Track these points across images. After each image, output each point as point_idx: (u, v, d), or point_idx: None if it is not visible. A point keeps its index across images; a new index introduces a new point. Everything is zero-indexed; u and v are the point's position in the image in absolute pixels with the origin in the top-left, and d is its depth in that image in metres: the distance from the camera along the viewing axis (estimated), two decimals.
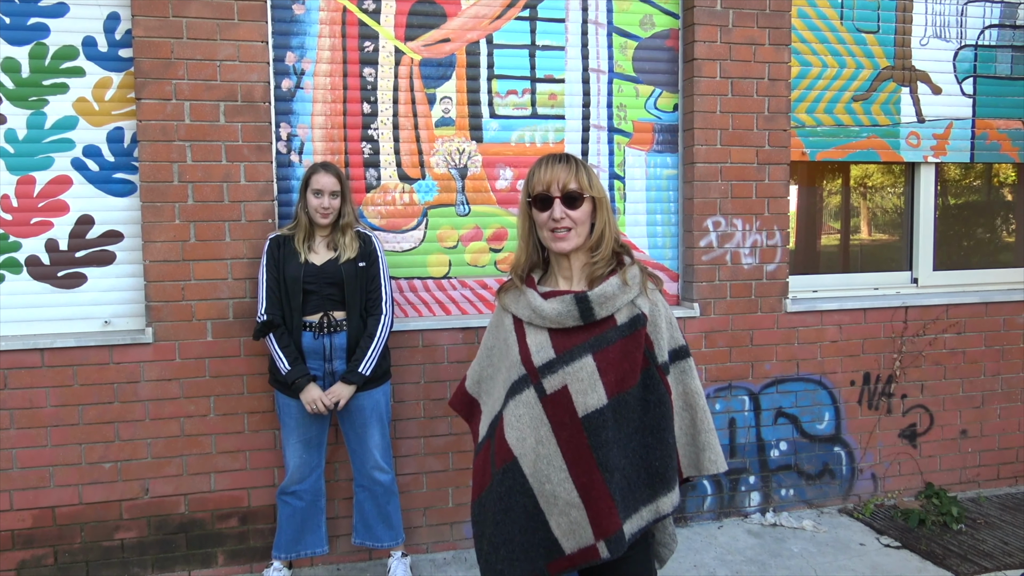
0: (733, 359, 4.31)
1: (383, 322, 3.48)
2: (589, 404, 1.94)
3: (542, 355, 1.99)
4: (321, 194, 3.41)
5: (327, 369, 3.44)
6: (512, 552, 1.99)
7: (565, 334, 1.99)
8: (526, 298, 2.04)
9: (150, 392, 3.64)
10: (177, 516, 3.71)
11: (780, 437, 4.43)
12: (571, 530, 1.97)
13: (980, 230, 5.09)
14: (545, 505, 1.98)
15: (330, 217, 3.44)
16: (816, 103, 4.49)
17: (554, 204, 1.99)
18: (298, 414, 3.45)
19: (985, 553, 3.92)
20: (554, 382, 1.97)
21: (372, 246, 3.54)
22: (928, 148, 4.71)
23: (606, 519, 1.94)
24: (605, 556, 1.95)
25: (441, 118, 4.03)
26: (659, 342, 2.04)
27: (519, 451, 1.99)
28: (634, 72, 4.26)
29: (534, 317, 2.02)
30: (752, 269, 4.31)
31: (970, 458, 4.77)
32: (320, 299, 3.41)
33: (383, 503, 3.61)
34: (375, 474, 3.57)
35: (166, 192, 3.60)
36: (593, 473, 1.94)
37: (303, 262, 3.40)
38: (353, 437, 3.56)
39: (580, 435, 1.94)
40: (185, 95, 3.59)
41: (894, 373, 4.58)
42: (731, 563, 3.85)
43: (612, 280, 2.00)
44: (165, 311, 3.63)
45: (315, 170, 3.45)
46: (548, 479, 1.97)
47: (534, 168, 2.05)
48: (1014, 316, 4.77)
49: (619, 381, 1.96)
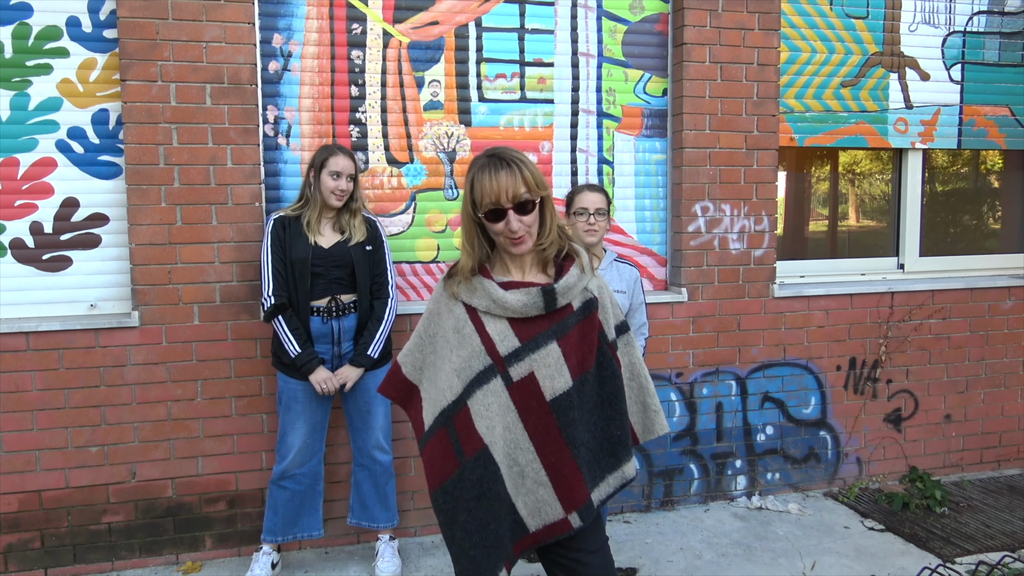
0: (720, 344, 4.33)
1: (390, 305, 3.54)
2: (557, 388, 2.02)
3: (506, 344, 2.03)
4: (340, 176, 3.39)
5: (335, 352, 3.47)
6: (486, 539, 2.02)
7: (526, 322, 2.04)
8: (484, 289, 2.04)
9: (137, 376, 3.63)
10: (164, 500, 3.71)
11: (766, 421, 4.46)
12: (537, 508, 2.06)
13: (967, 217, 5.12)
14: (512, 488, 2.05)
15: (344, 200, 3.44)
16: (805, 89, 4.50)
17: (508, 215, 1.95)
18: (305, 397, 3.46)
19: (967, 536, 3.96)
20: (520, 370, 2.02)
21: (378, 231, 3.56)
22: (916, 134, 4.73)
23: (577, 491, 2.05)
24: (577, 525, 2.06)
25: (429, 101, 4.01)
26: (607, 320, 2.15)
27: (489, 439, 2.03)
28: (623, 56, 4.24)
29: (494, 307, 2.03)
30: (740, 254, 4.32)
31: (954, 442, 4.81)
32: (327, 282, 3.42)
33: (382, 483, 3.64)
34: (376, 454, 3.59)
35: (152, 175, 3.57)
36: (563, 452, 2.03)
37: (311, 244, 3.38)
38: (357, 417, 3.58)
39: (548, 417, 2.02)
40: (171, 77, 3.56)
41: (880, 358, 4.61)
42: (717, 546, 3.88)
43: (573, 271, 2.07)
44: (151, 295, 3.61)
45: (332, 152, 3.42)
46: (515, 462, 2.04)
47: (475, 177, 1.98)
48: (999, 302, 4.80)
49: (580, 363, 2.05)
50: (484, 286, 2.04)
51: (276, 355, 3.50)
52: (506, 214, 1.96)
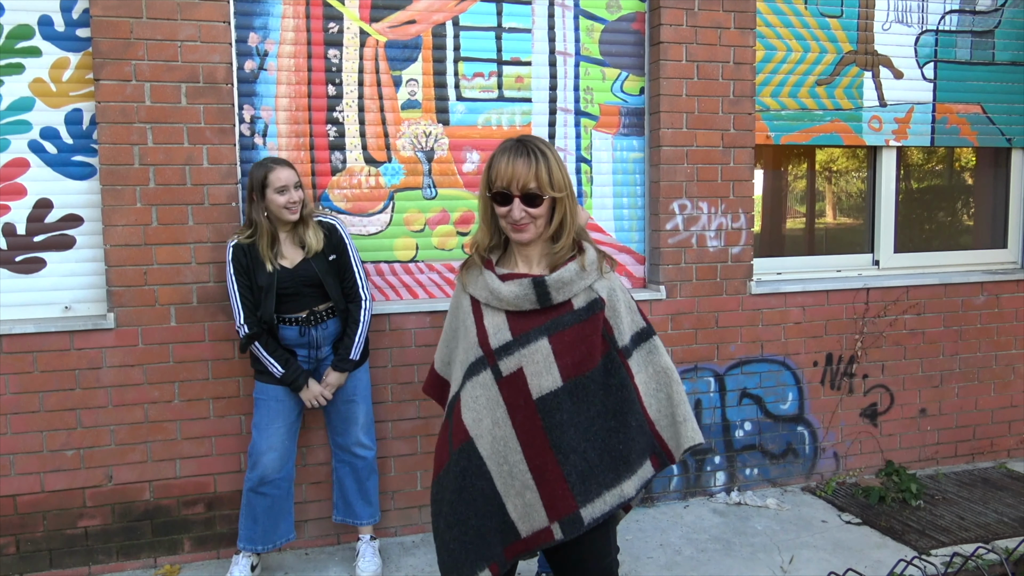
0: (699, 341, 4.36)
1: (364, 307, 3.52)
2: (543, 386, 1.96)
3: (499, 337, 2.00)
4: (287, 190, 3.31)
5: (314, 356, 3.47)
6: (465, 534, 2.01)
7: (522, 317, 2.01)
8: (484, 279, 2.05)
9: (113, 378, 3.59)
10: (142, 503, 3.68)
11: (745, 417, 4.49)
12: (526, 513, 1.99)
13: (941, 213, 5.18)
14: (502, 487, 2.00)
15: (299, 211, 3.37)
16: (780, 87, 4.53)
17: (513, 203, 1.96)
18: (283, 398, 3.45)
19: (942, 528, 4.01)
20: (510, 364, 1.98)
21: (338, 234, 3.50)
22: (890, 132, 4.78)
23: (560, 501, 1.96)
24: (559, 537, 1.97)
25: (407, 100, 4.00)
26: (619, 327, 2.06)
27: (475, 432, 2.01)
28: (601, 55, 4.26)
29: (491, 299, 2.02)
30: (717, 252, 4.35)
31: (929, 436, 4.88)
32: (303, 299, 3.41)
33: (364, 478, 3.64)
34: (357, 450, 3.59)
35: (127, 175, 3.54)
36: (546, 455, 1.96)
37: (272, 270, 3.34)
38: (336, 416, 3.58)
39: (534, 417, 1.96)
40: (145, 76, 3.53)
41: (856, 354, 4.66)
42: (696, 541, 3.90)
43: (570, 266, 2.02)
44: (127, 296, 3.58)
45: (270, 168, 3.31)
46: (505, 460, 1.99)
47: (496, 157, 2.00)
48: (972, 297, 4.87)
49: (576, 364, 1.98)
50: (485, 277, 2.05)
51: (255, 368, 3.48)
52: (512, 200, 1.96)
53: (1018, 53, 4.98)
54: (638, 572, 3.59)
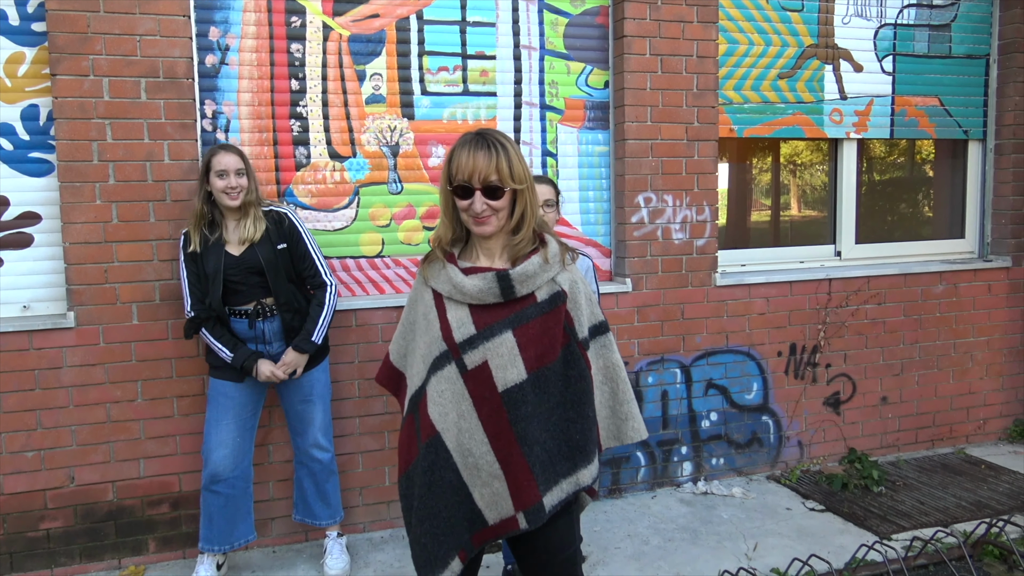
0: (665, 333, 4.40)
1: (330, 292, 3.48)
2: (509, 379, 1.98)
3: (463, 331, 2.01)
4: (226, 174, 3.29)
5: (266, 351, 3.42)
6: (436, 527, 2.03)
7: (486, 310, 2.02)
8: (447, 273, 2.04)
9: (73, 378, 3.54)
10: (105, 504, 3.63)
11: (711, 408, 4.54)
12: (493, 501, 2.03)
13: (901, 205, 5.27)
14: (469, 478, 2.03)
15: (240, 198, 3.33)
16: (743, 80, 4.58)
17: (475, 196, 1.97)
18: (236, 395, 3.41)
19: (903, 513, 4.10)
20: (475, 357, 2.00)
21: (288, 223, 3.45)
22: (850, 124, 4.85)
23: (525, 491, 2.00)
24: (524, 527, 2.01)
25: (371, 95, 3.98)
26: (579, 318, 2.08)
27: (442, 426, 2.02)
28: (565, 49, 4.27)
29: (454, 293, 2.03)
30: (682, 244, 4.39)
31: (890, 423, 4.97)
32: (249, 288, 3.37)
33: (321, 481, 3.61)
34: (314, 452, 3.56)
35: (86, 172, 3.49)
36: (512, 447, 1.99)
37: (214, 253, 3.31)
38: (294, 415, 3.55)
39: (500, 409, 1.99)
40: (103, 71, 3.47)
41: (819, 343, 4.73)
42: (664, 531, 3.94)
43: (533, 259, 2.03)
44: (87, 294, 3.52)
45: (214, 152, 3.33)
46: (471, 452, 2.01)
47: (456, 151, 2.00)
48: (931, 287, 4.96)
49: (539, 356, 2.00)
50: (448, 271, 2.04)
51: (207, 360, 3.46)
52: (473, 193, 1.96)
53: (974, 46, 5.07)
54: (606, 562, 3.62)
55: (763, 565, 3.57)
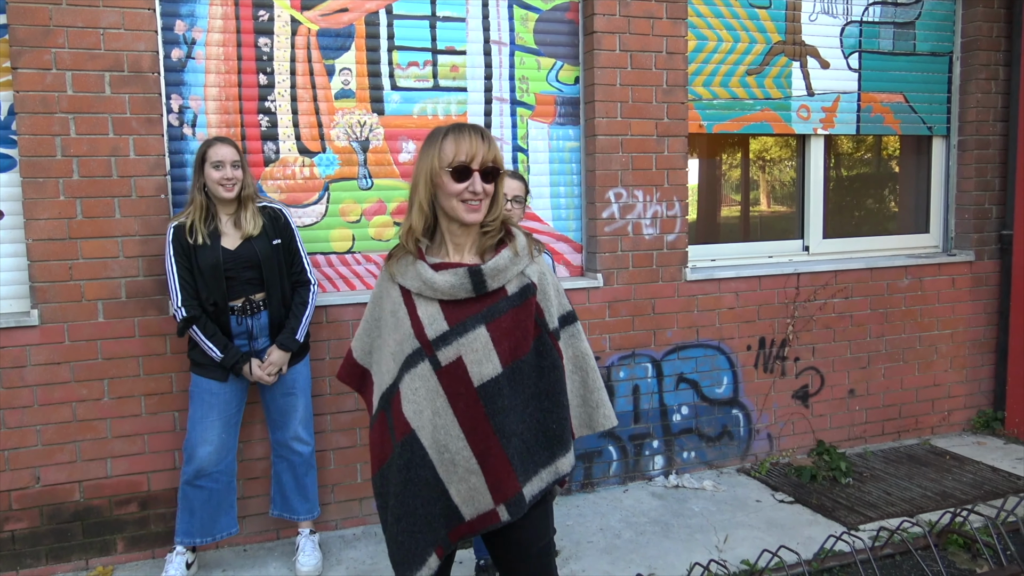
0: (636, 327, 4.42)
1: (312, 291, 3.53)
2: (484, 373, 1.98)
3: (435, 328, 2.00)
4: (222, 165, 3.30)
5: (251, 347, 3.41)
6: (413, 524, 2.03)
7: (457, 306, 2.01)
8: (415, 269, 2.03)
9: (38, 377, 3.48)
10: (72, 504, 3.58)
11: (682, 402, 4.58)
12: (470, 496, 2.02)
13: (868, 200, 5.35)
14: (445, 474, 2.02)
15: (235, 190, 3.34)
16: (712, 76, 4.61)
17: (473, 177, 1.97)
18: (221, 392, 3.39)
19: (870, 504, 4.16)
20: (448, 354, 1.99)
21: (284, 220, 3.49)
22: (817, 120, 4.90)
23: (505, 483, 2.00)
24: (505, 519, 2.02)
25: (341, 90, 3.95)
26: (549, 309, 2.10)
27: (416, 423, 2.01)
28: (535, 44, 4.27)
29: (424, 289, 2.02)
30: (653, 239, 4.42)
31: (857, 416, 5.04)
32: (240, 283, 3.36)
33: (301, 474, 3.61)
34: (295, 445, 3.56)
35: (49, 167, 3.43)
36: (490, 440, 1.99)
37: (211, 246, 3.29)
38: (275, 409, 3.54)
39: (476, 404, 1.99)
40: (67, 64, 3.42)
41: (787, 337, 4.79)
42: (636, 524, 3.97)
43: (504, 253, 2.03)
44: (51, 292, 3.47)
45: (210, 144, 3.34)
46: (446, 448, 2.00)
47: (449, 136, 2.00)
48: (896, 280, 5.04)
49: (513, 349, 2.01)
50: (417, 267, 2.03)
51: (191, 357, 3.43)
52: (471, 175, 1.97)
53: (938, 44, 5.15)
54: (579, 556, 3.63)
55: (733, 557, 3.60)
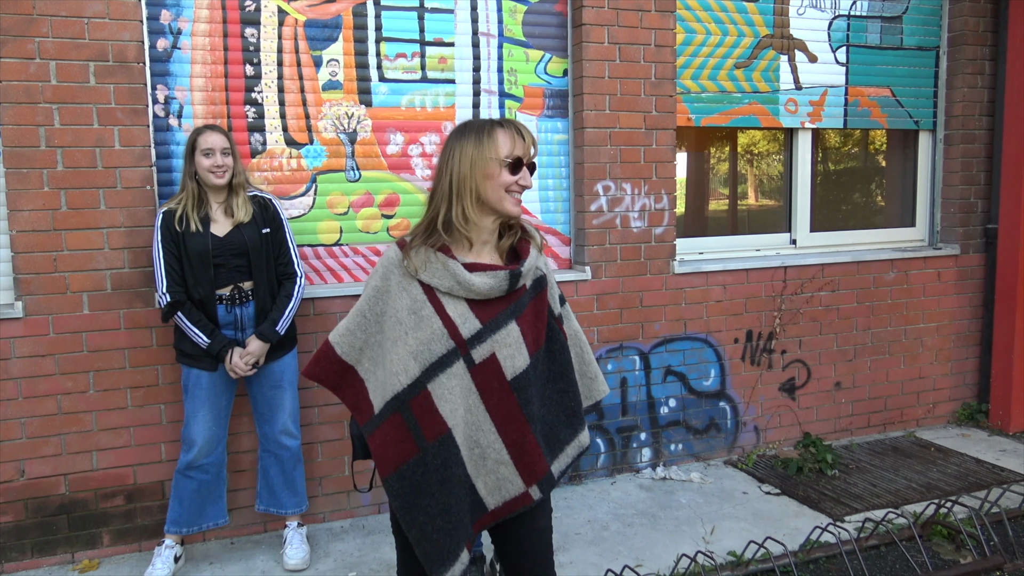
0: (624, 320, 4.43)
1: (299, 284, 3.51)
2: (517, 367, 2.04)
3: (468, 327, 2.01)
4: (212, 152, 3.30)
5: (239, 339, 3.40)
6: (448, 521, 2.04)
7: (485, 303, 2.04)
8: (447, 269, 1.99)
9: (22, 369, 3.46)
10: (57, 497, 3.56)
11: (669, 394, 4.59)
12: (497, 486, 2.09)
13: (855, 194, 5.37)
14: (473, 469, 2.07)
15: (226, 176, 3.34)
16: (700, 70, 4.61)
17: (524, 169, 2.04)
18: (210, 384, 3.38)
19: (856, 495, 4.19)
20: (483, 351, 2.02)
21: (273, 209, 3.48)
22: (805, 114, 4.92)
23: (537, 465, 2.09)
24: (538, 497, 2.10)
25: (328, 81, 3.93)
26: (553, 295, 2.19)
27: (452, 422, 2.02)
28: (524, 37, 4.26)
29: (457, 289, 2.00)
30: (641, 232, 4.42)
31: (844, 408, 5.07)
32: (229, 271, 3.34)
33: (289, 469, 3.59)
34: (283, 439, 3.55)
35: (32, 158, 3.40)
36: (524, 428, 2.07)
37: (201, 232, 3.28)
38: (263, 402, 3.53)
39: (510, 396, 2.04)
40: (50, 54, 3.38)
41: (774, 330, 4.81)
42: (623, 516, 3.98)
43: (533, 253, 2.10)
44: (36, 283, 3.44)
45: (200, 131, 3.34)
46: (477, 443, 2.05)
47: (499, 129, 2.01)
48: (882, 274, 5.06)
49: (535, 340, 2.09)
50: (449, 267, 1.99)
51: (178, 348, 3.41)
52: (523, 167, 2.03)
53: (925, 38, 5.17)
54: (566, 548, 3.64)
55: (720, 548, 3.62)
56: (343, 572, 3.50)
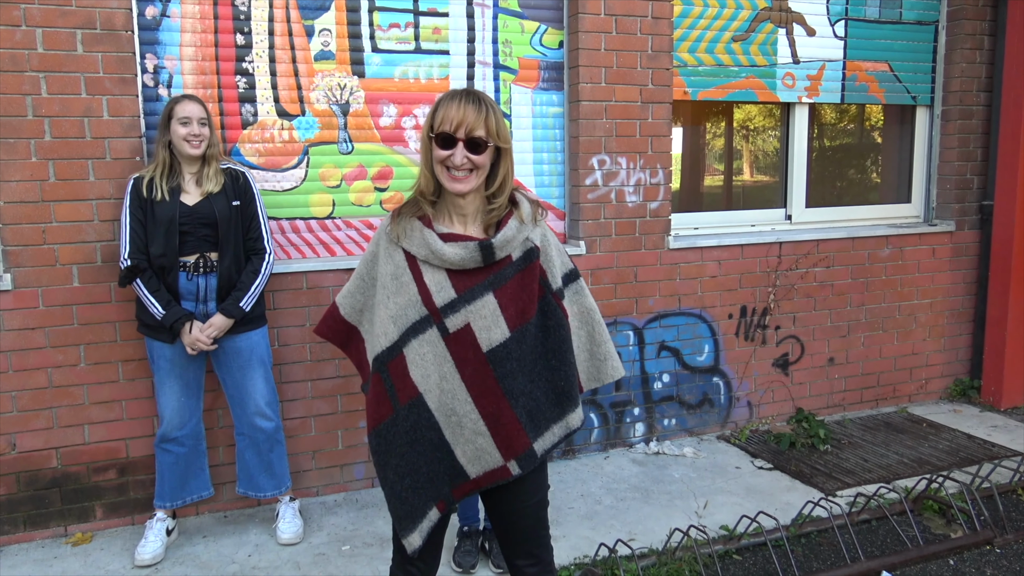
0: (618, 295, 4.41)
1: (267, 260, 3.44)
2: (493, 339, 2.02)
3: (443, 295, 2.02)
4: (189, 122, 3.24)
5: (200, 310, 3.33)
6: (417, 481, 2.09)
7: (464, 274, 2.03)
8: (422, 237, 2.02)
9: (12, 342, 3.42)
10: (49, 471, 3.54)
11: (663, 370, 4.59)
12: (476, 456, 2.08)
13: (851, 170, 5.34)
14: (451, 436, 2.07)
15: (202, 147, 3.29)
16: (697, 43, 4.56)
17: (456, 148, 1.95)
18: (173, 356, 3.34)
19: (847, 470, 4.20)
20: (456, 321, 2.02)
21: (245, 183, 3.42)
22: (802, 89, 4.87)
23: (516, 440, 2.07)
24: (516, 473, 2.09)
25: (320, 51, 3.87)
26: (551, 270, 2.13)
27: (424, 387, 2.05)
28: (519, 7, 4.20)
29: (431, 257, 2.02)
30: (636, 207, 4.39)
31: (836, 384, 5.08)
32: (196, 240, 3.29)
33: (265, 451, 3.54)
34: (257, 420, 3.49)
35: (19, 127, 3.34)
36: (501, 402, 2.04)
37: (168, 201, 3.23)
38: (231, 383, 3.47)
39: (485, 368, 2.03)
40: (36, 21, 3.32)
41: (769, 306, 4.80)
42: (616, 491, 3.99)
43: (511, 224, 2.04)
44: (24, 256, 3.40)
45: (177, 100, 3.29)
46: (453, 411, 2.05)
47: (443, 101, 1.99)
48: (877, 250, 5.05)
49: (520, 314, 2.05)
50: (424, 235, 2.02)
51: (139, 319, 3.37)
52: (456, 144, 1.95)
53: (923, 12, 5.12)
54: (559, 522, 3.65)
55: (713, 522, 3.64)
56: (336, 546, 3.50)
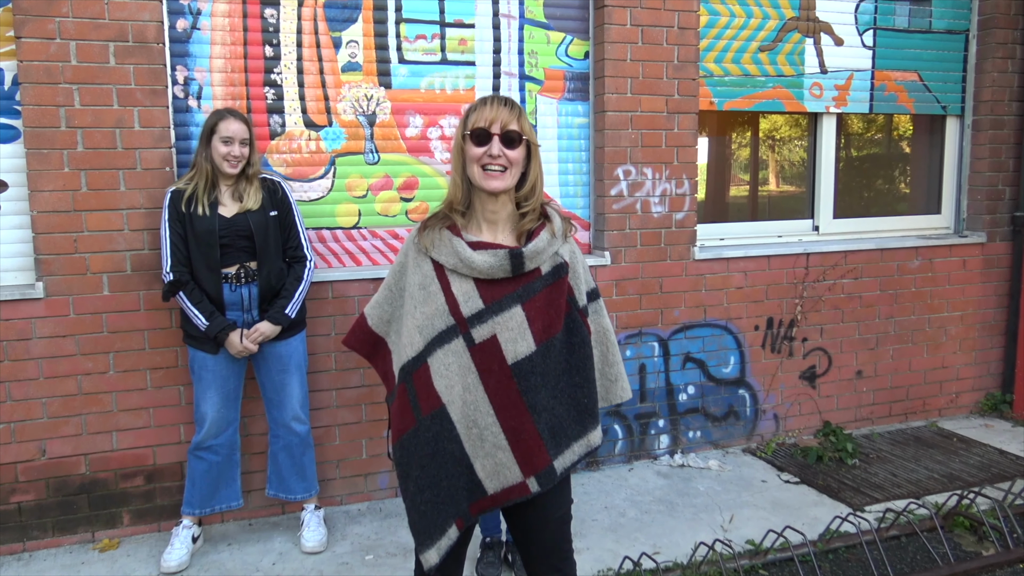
0: (643, 306, 4.39)
1: (308, 267, 3.50)
2: (519, 352, 2.01)
3: (470, 305, 2.01)
4: (231, 142, 3.28)
5: (246, 319, 3.39)
6: (437, 495, 2.06)
7: (492, 284, 2.03)
8: (451, 246, 2.03)
9: (43, 349, 3.47)
10: (78, 477, 3.59)
11: (688, 381, 4.56)
12: (496, 471, 2.06)
13: (879, 180, 5.29)
14: (471, 449, 2.05)
15: (239, 167, 3.33)
16: (724, 53, 4.54)
17: (492, 140, 1.98)
18: (215, 367, 3.38)
19: (876, 485, 4.14)
20: (483, 332, 2.01)
21: (282, 193, 3.47)
22: (830, 99, 4.84)
23: (536, 456, 2.04)
24: (535, 490, 2.06)
25: (347, 63, 3.90)
26: (578, 287, 2.14)
27: (447, 398, 2.03)
28: (545, 18, 4.21)
29: (460, 266, 2.02)
30: (661, 217, 4.37)
31: (865, 397, 5.01)
32: (235, 251, 3.34)
33: (298, 454, 3.59)
34: (293, 424, 3.54)
35: (53, 138, 3.40)
36: (523, 416, 2.03)
37: (208, 215, 3.28)
38: (270, 387, 3.52)
39: (509, 381, 2.01)
40: (71, 34, 3.38)
41: (795, 318, 4.75)
42: (640, 503, 3.96)
43: (543, 235, 2.05)
44: (56, 264, 3.45)
45: (222, 116, 3.32)
46: (475, 423, 2.03)
47: (475, 106, 2.04)
48: (907, 261, 4.99)
49: (546, 328, 2.04)
50: (453, 244, 2.02)
51: (184, 329, 3.43)
52: (491, 139, 1.98)
53: (954, 21, 5.07)
54: (583, 535, 3.63)
55: (738, 536, 3.60)
56: (360, 555, 3.50)
